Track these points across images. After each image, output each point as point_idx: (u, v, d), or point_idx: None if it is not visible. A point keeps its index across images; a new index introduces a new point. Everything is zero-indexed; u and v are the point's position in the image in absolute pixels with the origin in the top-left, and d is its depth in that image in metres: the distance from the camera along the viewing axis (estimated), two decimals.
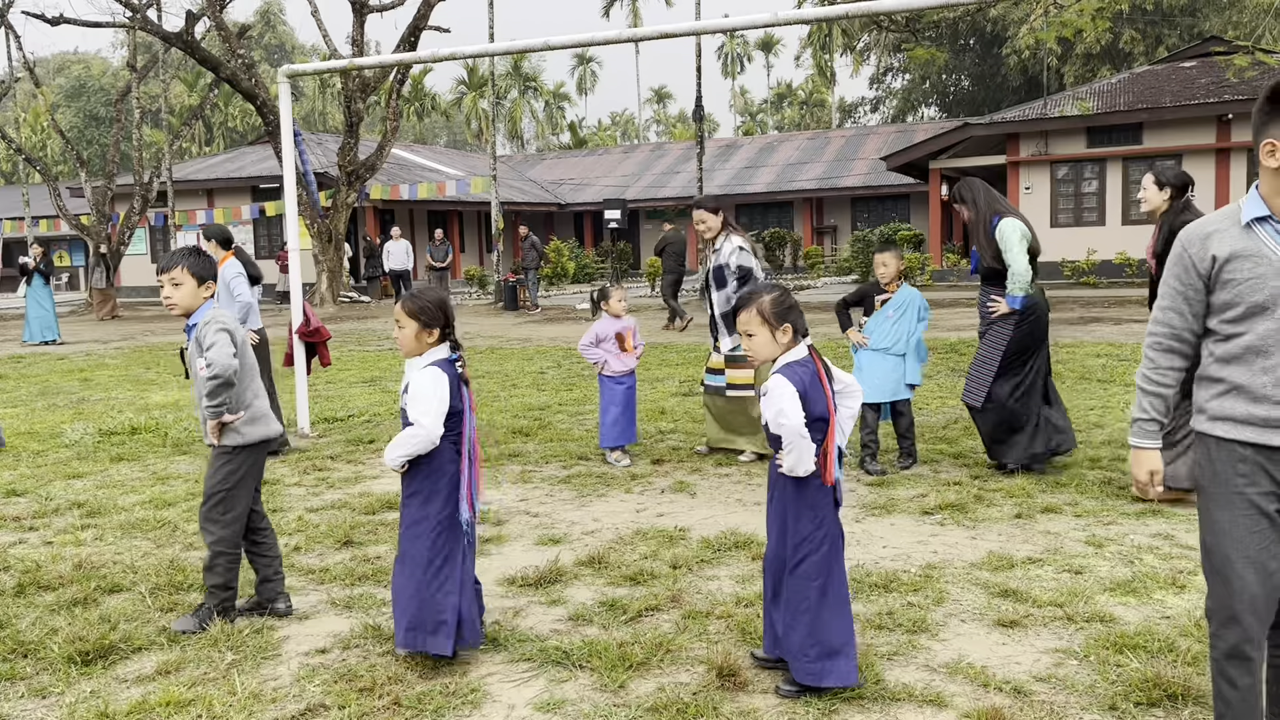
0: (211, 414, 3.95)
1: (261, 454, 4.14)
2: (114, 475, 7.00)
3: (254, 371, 4.14)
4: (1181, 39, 39.17)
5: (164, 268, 4.04)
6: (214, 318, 4.02)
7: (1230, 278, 2.57)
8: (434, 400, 3.51)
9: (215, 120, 62.70)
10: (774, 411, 3.24)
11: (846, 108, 63.97)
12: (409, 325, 3.60)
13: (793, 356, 3.37)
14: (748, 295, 3.40)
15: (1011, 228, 6.03)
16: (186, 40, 22.22)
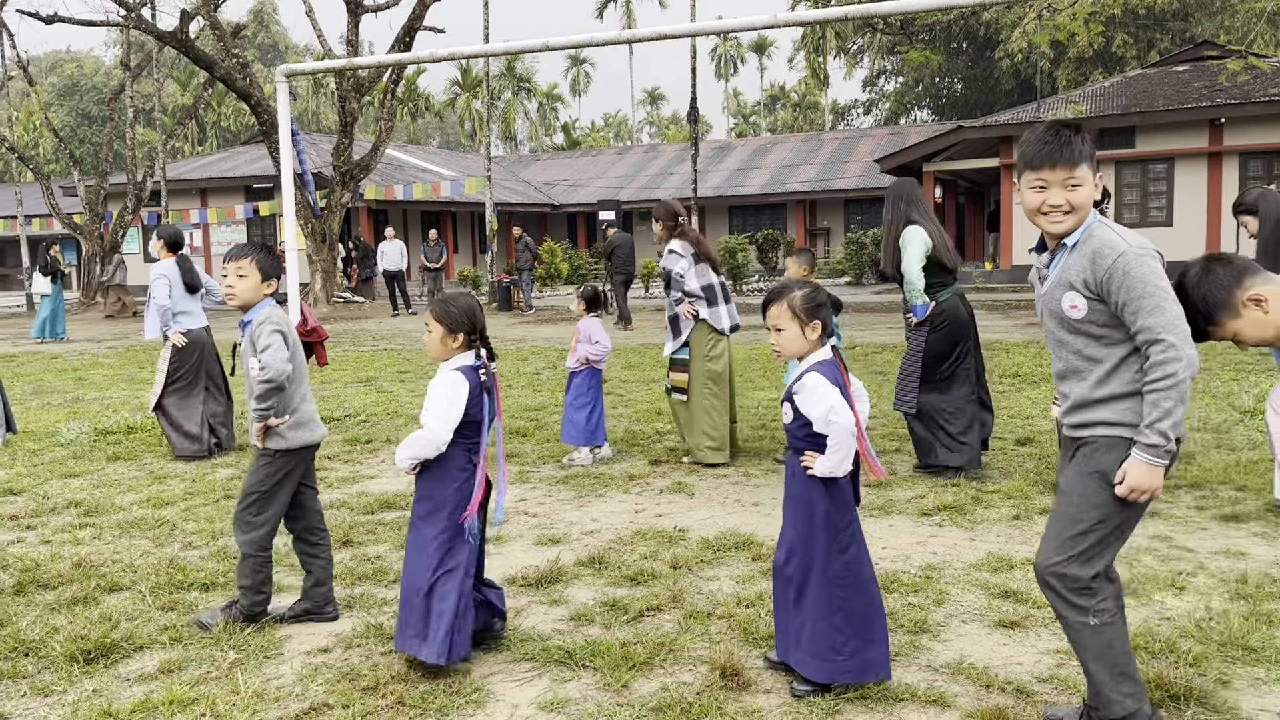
0: (258, 416, 3.92)
1: (304, 459, 4.08)
2: (110, 474, 6.98)
3: (303, 375, 4.11)
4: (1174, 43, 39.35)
5: (232, 257, 4.02)
6: (269, 317, 3.98)
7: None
8: (444, 405, 3.48)
9: (209, 120, 62.56)
10: (824, 409, 3.24)
11: (840, 110, 64.09)
12: (435, 329, 3.59)
13: (821, 355, 3.39)
14: (779, 289, 3.40)
15: (914, 235, 6.05)
16: (181, 39, 22.16)
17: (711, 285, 6.86)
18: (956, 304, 6.21)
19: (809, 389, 3.29)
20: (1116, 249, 2.76)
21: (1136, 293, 2.71)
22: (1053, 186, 2.82)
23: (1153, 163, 23.64)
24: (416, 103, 65.57)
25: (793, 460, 3.41)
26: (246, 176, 31.45)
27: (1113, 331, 2.80)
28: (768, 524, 5.35)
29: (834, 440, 3.24)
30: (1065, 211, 2.83)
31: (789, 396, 3.38)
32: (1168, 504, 5.50)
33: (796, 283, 3.43)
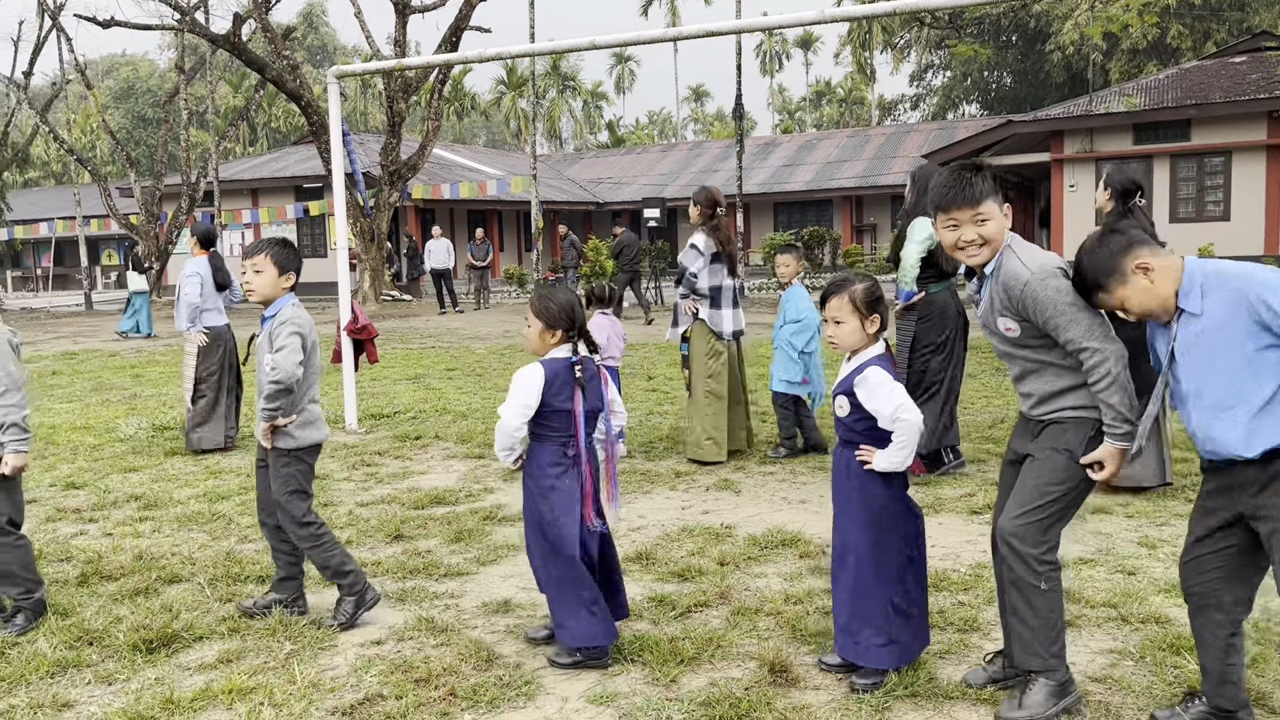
0: (265, 416, 3.95)
1: (315, 456, 4.13)
2: (168, 469, 7.14)
3: (315, 377, 4.13)
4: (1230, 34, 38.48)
5: (248, 253, 4.07)
6: (291, 317, 4.01)
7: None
8: (516, 393, 3.53)
9: (260, 121, 63.53)
10: (893, 406, 3.26)
11: (886, 105, 63.50)
12: (535, 324, 3.62)
13: (877, 349, 3.40)
14: (840, 282, 3.41)
15: (921, 226, 6.05)
16: (233, 42, 22.55)
17: (720, 287, 6.84)
18: (948, 299, 6.20)
19: (873, 384, 3.30)
20: (1020, 279, 3.04)
21: (1049, 314, 3.01)
22: (964, 225, 3.11)
23: (1209, 156, 23.14)
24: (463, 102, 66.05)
25: (843, 454, 3.41)
26: (296, 176, 31.90)
27: (1049, 338, 3.07)
28: (815, 521, 5.35)
29: (902, 436, 3.26)
30: (979, 245, 3.12)
31: (847, 389, 3.36)
32: None
33: (856, 275, 3.44)
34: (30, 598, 4.08)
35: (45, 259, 46.42)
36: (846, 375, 3.40)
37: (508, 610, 4.17)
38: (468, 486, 6.37)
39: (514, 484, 6.46)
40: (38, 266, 46.48)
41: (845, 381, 3.39)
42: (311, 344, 4.06)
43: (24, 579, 4.07)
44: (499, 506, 5.85)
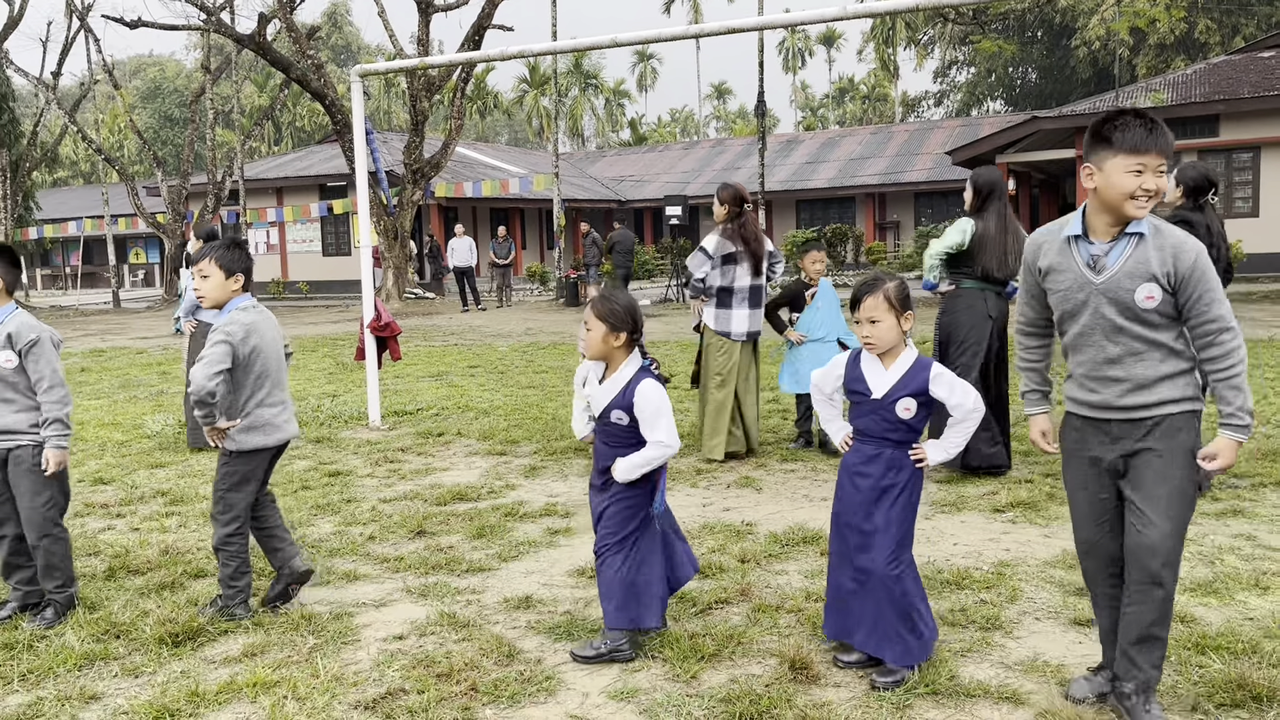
0: (202, 422, 3.98)
1: (262, 460, 4.12)
2: (194, 465, 7.21)
3: (262, 381, 4.07)
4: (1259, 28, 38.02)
5: (194, 259, 4.12)
6: (226, 324, 4.01)
7: (1050, 286, 3.09)
8: (669, 415, 3.53)
9: (284, 120, 63.99)
10: (973, 395, 3.32)
11: (909, 102, 63.18)
12: (597, 327, 3.60)
13: (913, 350, 3.41)
14: (871, 282, 3.40)
15: (959, 226, 6.03)
16: (258, 42, 22.72)
17: (732, 289, 6.81)
18: (980, 300, 6.11)
19: (948, 380, 3.34)
20: (1194, 247, 2.90)
21: (1206, 287, 2.88)
22: (1148, 172, 2.88)
23: (1238, 151, 22.89)
24: (485, 101, 66.28)
25: (891, 454, 3.38)
26: (321, 175, 32.11)
27: (1167, 318, 2.95)
28: None
29: (968, 429, 3.32)
30: (1151, 197, 2.90)
31: (918, 390, 3.33)
32: (1252, 502, 5.35)
33: (885, 274, 3.43)
34: (64, 592, 4.15)
35: (74, 257, 46.98)
36: (908, 376, 3.35)
37: (529, 606, 4.18)
38: (490, 483, 6.40)
39: (536, 480, 6.48)
40: (66, 265, 47.03)
41: (912, 382, 3.35)
42: (250, 350, 4.01)
43: (63, 572, 4.15)
44: (521, 503, 5.87)
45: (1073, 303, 3.01)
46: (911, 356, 3.39)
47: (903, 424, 3.37)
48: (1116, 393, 2.98)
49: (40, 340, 4.05)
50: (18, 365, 4.03)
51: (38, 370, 4.03)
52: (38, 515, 4.06)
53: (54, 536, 4.11)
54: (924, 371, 3.35)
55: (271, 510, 4.29)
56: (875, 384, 3.40)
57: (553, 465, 6.91)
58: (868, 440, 3.44)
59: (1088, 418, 3.06)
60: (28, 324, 4.06)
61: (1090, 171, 2.96)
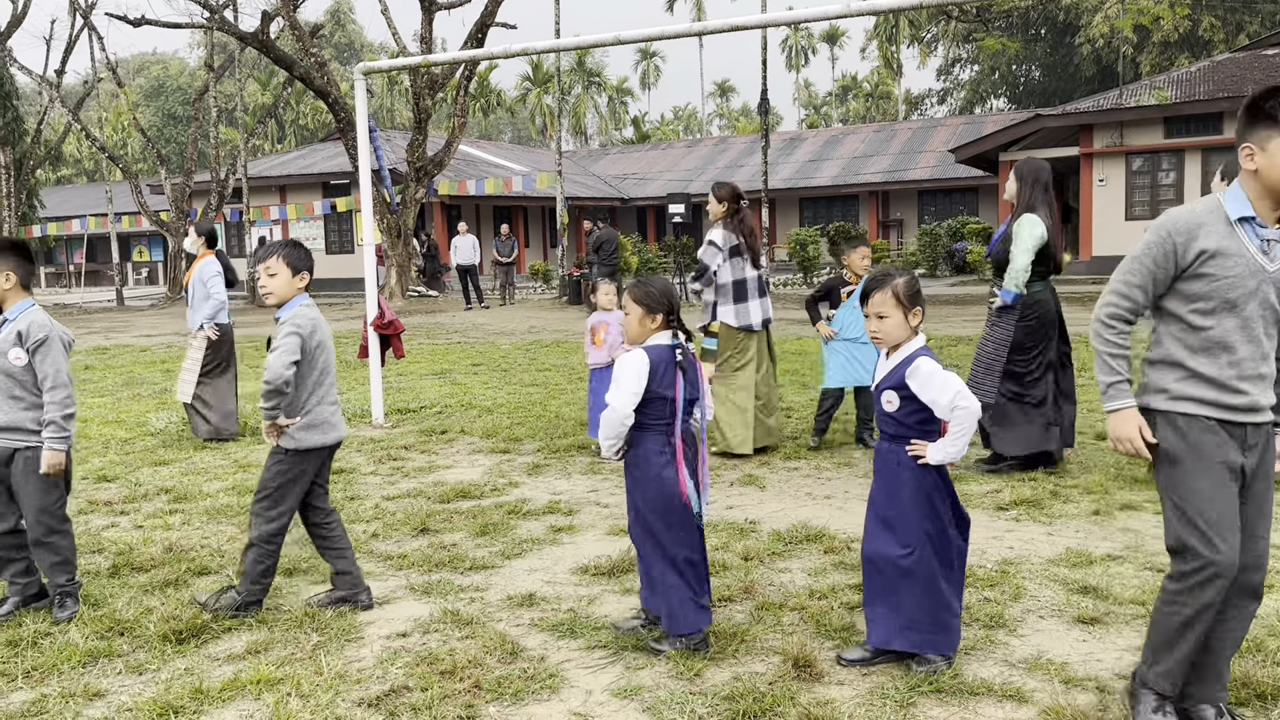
0: (265, 415, 3.98)
1: (316, 459, 4.12)
2: (198, 463, 7.22)
3: (323, 378, 4.10)
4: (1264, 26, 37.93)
5: (260, 258, 4.10)
6: (294, 317, 4.02)
7: (1210, 272, 2.72)
8: (625, 379, 3.49)
9: (288, 118, 64.01)
10: (950, 394, 3.25)
11: (913, 100, 63.10)
12: (634, 310, 3.61)
13: (919, 342, 3.41)
14: (881, 277, 3.39)
15: (1030, 225, 5.90)
16: (262, 40, 22.72)
17: (744, 280, 6.82)
18: (1048, 297, 6.08)
19: (925, 374, 3.30)
20: None
21: None
22: None
23: None
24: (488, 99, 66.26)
25: (895, 450, 3.39)
26: (324, 173, 32.11)
27: None
28: (840, 517, 5.33)
29: (960, 426, 3.27)
30: None
31: (897, 383, 3.35)
32: None
33: (896, 270, 3.43)
34: (75, 584, 4.19)
35: (77, 255, 47.04)
36: (894, 369, 3.38)
37: (532, 604, 4.18)
38: (493, 481, 6.40)
39: (539, 478, 6.48)
40: (70, 263, 47.09)
41: (894, 375, 3.37)
42: (316, 345, 4.04)
43: (72, 565, 4.19)
44: (524, 500, 5.87)
45: (1240, 291, 2.71)
46: (911, 349, 3.38)
47: (890, 417, 3.40)
48: (1263, 392, 2.77)
49: (49, 340, 4.08)
50: (27, 363, 4.06)
51: (43, 369, 4.05)
52: (48, 514, 4.08)
53: (64, 532, 4.15)
54: (907, 365, 3.34)
55: (335, 526, 4.25)
56: (878, 375, 3.49)
57: (556, 463, 6.91)
58: (881, 434, 3.52)
59: (1227, 421, 2.77)
60: (39, 322, 4.08)
61: (1250, 152, 2.74)
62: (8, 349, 4.04)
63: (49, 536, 4.09)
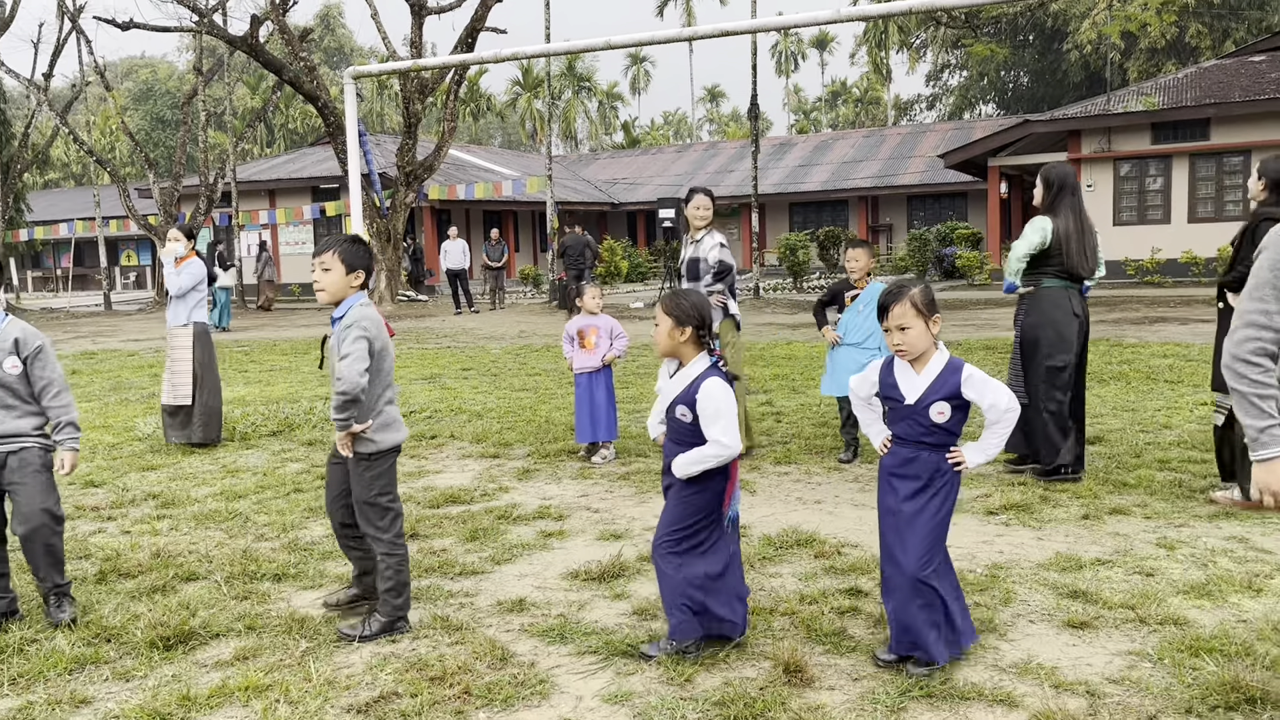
0: (339, 426, 3.82)
1: (395, 458, 4.01)
2: (185, 468, 7.18)
3: (388, 377, 3.98)
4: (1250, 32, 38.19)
5: (316, 251, 3.93)
6: (358, 319, 3.83)
7: None
8: (727, 413, 3.47)
9: (276, 122, 63.86)
10: (1007, 395, 3.30)
11: (902, 105, 63.30)
12: (664, 321, 3.59)
13: (943, 349, 3.41)
14: (896, 289, 3.37)
15: (1036, 224, 5.96)
16: (251, 44, 22.67)
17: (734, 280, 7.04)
18: (1060, 295, 5.97)
19: (980, 380, 3.32)
20: None
21: None
22: None
23: (1229, 155, 22.99)
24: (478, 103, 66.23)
25: (937, 459, 3.38)
26: (313, 177, 32.04)
27: None
28: (830, 521, 5.33)
29: (1007, 428, 3.32)
30: None
31: (951, 393, 3.33)
32: None
33: (909, 281, 3.43)
34: (68, 584, 4.19)
35: (65, 259, 46.80)
36: (939, 381, 3.35)
37: (522, 609, 4.17)
38: (483, 486, 6.39)
39: (529, 483, 6.47)
40: (58, 267, 46.87)
41: (943, 386, 3.34)
42: (380, 346, 3.90)
43: (63, 564, 4.17)
44: (514, 506, 5.85)
45: None
46: (943, 360, 3.38)
47: (938, 428, 3.37)
48: None
49: (45, 346, 4.12)
50: (21, 372, 4.07)
51: (45, 375, 4.09)
52: (49, 515, 4.07)
53: (59, 533, 4.14)
54: (955, 374, 3.35)
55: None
56: (908, 389, 3.40)
57: (546, 468, 6.90)
58: (905, 444, 3.44)
59: None
60: (31, 330, 4.14)
61: None
62: (3, 358, 4.04)
63: (51, 538, 4.08)
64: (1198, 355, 11.21)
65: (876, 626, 3.84)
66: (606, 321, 7.25)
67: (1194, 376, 9.70)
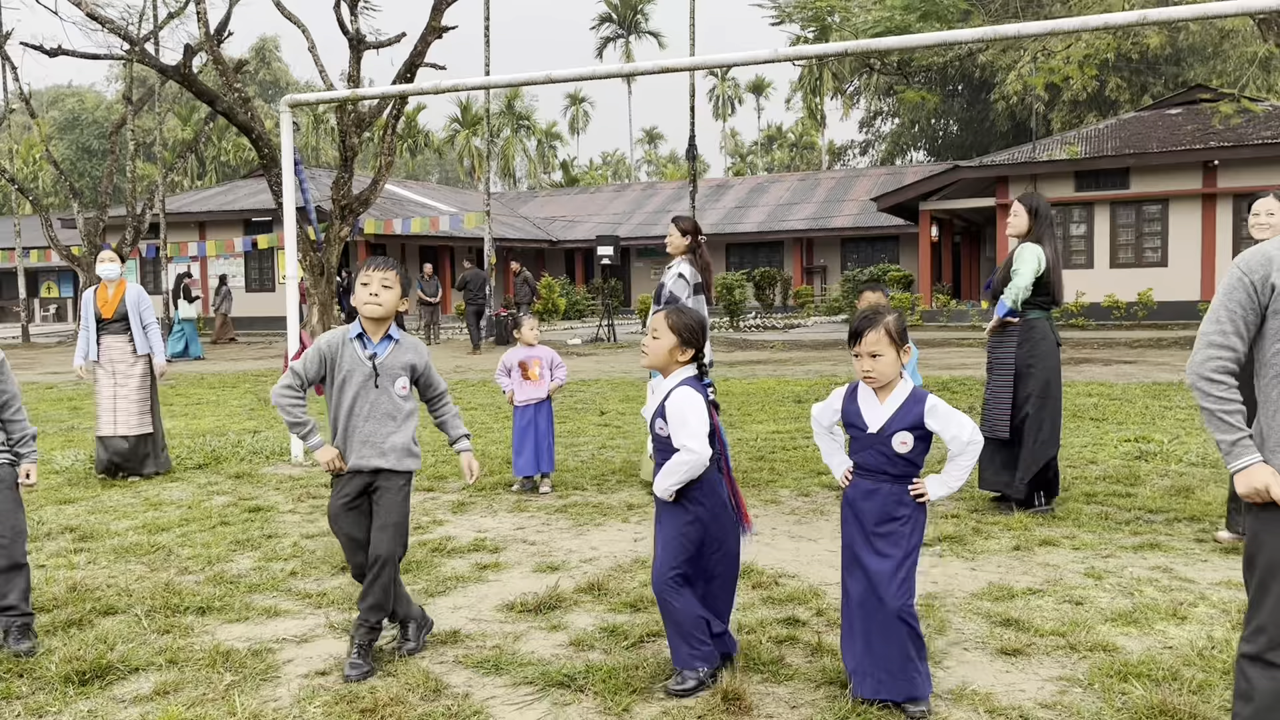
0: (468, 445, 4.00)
1: None
2: (105, 501, 6.94)
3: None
4: (1166, 87, 39.81)
5: (378, 266, 3.83)
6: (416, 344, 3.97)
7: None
8: (694, 421, 3.44)
9: (209, 155, 62.94)
10: (970, 426, 3.30)
11: (836, 150, 64.65)
12: (668, 338, 3.53)
13: (909, 381, 3.39)
14: (871, 316, 3.35)
15: (1032, 252, 6.06)
16: (184, 73, 22.34)
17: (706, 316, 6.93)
18: (1046, 328, 6.15)
19: (944, 412, 3.30)
20: None
21: None
22: None
23: (1147, 204, 23.84)
24: (416, 139, 66.07)
25: (900, 492, 3.34)
26: (246, 210, 31.58)
27: None
28: (767, 553, 5.34)
29: (968, 460, 3.30)
30: None
31: (914, 424, 3.30)
32: (1168, 536, 5.49)
33: (883, 308, 3.42)
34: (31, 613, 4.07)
35: None
36: (902, 410, 3.31)
37: (456, 641, 4.09)
38: (416, 519, 6.27)
39: (464, 516, 6.37)
40: None
41: (906, 416, 3.31)
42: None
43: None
44: (449, 538, 5.76)
45: None
46: (907, 389, 3.35)
47: (900, 458, 3.32)
48: None
49: (3, 361, 4.12)
50: None
51: (9, 389, 4.11)
52: (20, 532, 4.02)
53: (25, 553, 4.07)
54: (919, 404, 3.31)
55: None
56: (871, 418, 3.35)
57: (481, 501, 6.81)
58: (867, 475, 3.39)
59: None
60: None
61: None
62: None
63: (24, 557, 4.00)
64: (1120, 394, 11.52)
65: (814, 655, 3.84)
66: (546, 353, 7.22)
67: (1117, 415, 9.96)
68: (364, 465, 3.82)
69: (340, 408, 3.85)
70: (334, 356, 3.85)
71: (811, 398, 11.88)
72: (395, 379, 3.85)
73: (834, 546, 5.45)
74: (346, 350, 3.84)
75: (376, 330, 3.86)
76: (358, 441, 3.82)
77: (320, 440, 3.85)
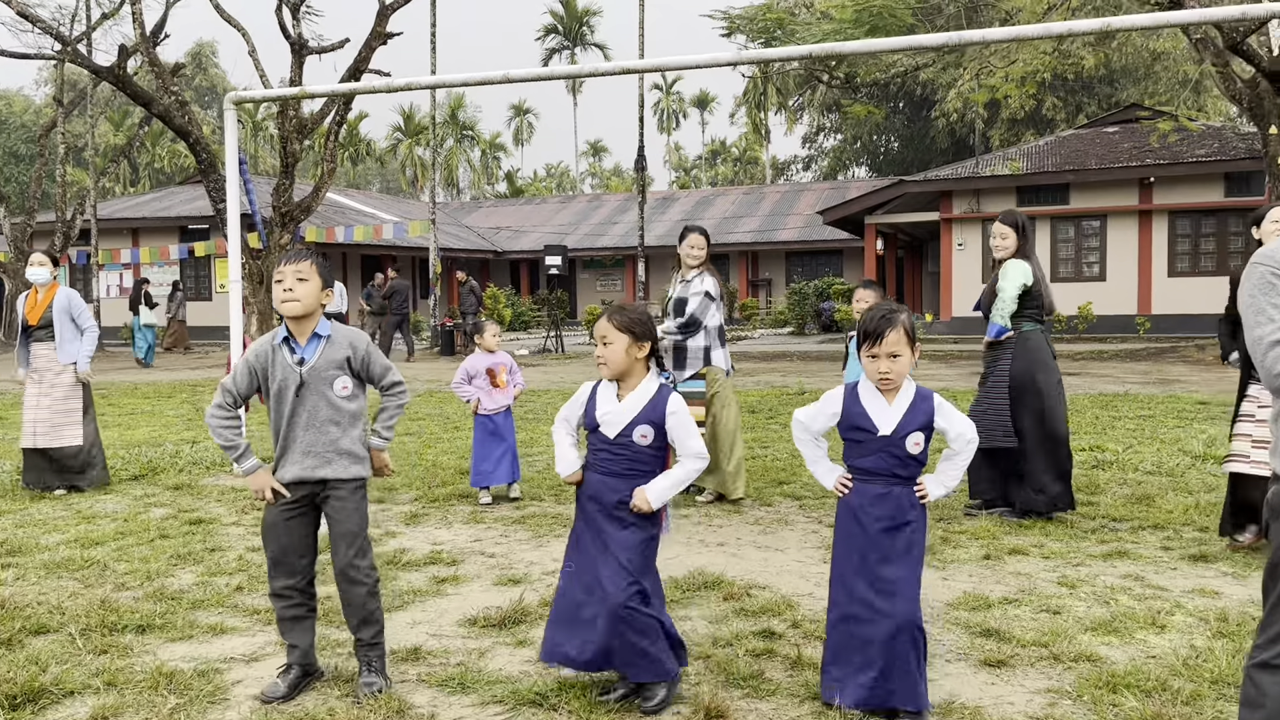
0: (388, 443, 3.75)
1: None
2: (35, 514, 6.58)
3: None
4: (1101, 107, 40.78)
5: (290, 259, 3.57)
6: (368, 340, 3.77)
7: None
8: (692, 426, 3.42)
9: (142, 161, 61.45)
10: (970, 424, 3.27)
11: (779, 165, 65.20)
12: (620, 339, 3.36)
13: (912, 380, 3.32)
14: (887, 315, 3.22)
15: (1018, 266, 6.04)
16: (118, 75, 21.70)
17: (721, 327, 6.81)
18: (1040, 341, 6.11)
19: (949, 409, 3.26)
20: None
21: None
22: None
23: (1086, 219, 24.30)
24: (358, 148, 65.27)
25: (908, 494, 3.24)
26: (182, 217, 30.78)
27: None
28: (735, 564, 5.20)
29: (965, 460, 3.27)
30: None
31: (925, 424, 3.21)
32: (1134, 544, 5.46)
33: (896, 306, 3.32)
34: None
35: None
36: (913, 410, 3.22)
37: (418, 658, 3.87)
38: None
39: (418, 528, 6.14)
40: None
41: (918, 417, 3.22)
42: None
43: None
44: (403, 551, 5.52)
45: None
46: (912, 388, 3.27)
47: (912, 459, 3.23)
48: None
49: None
50: None
51: None
52: None
53: None
54: (928, 403, 3.24)
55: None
56: (882, 420, 3.23)
57: (435, 512, 6.57)
58: (874, 479, 3.25)
59: None
60: None
61: None
62: None
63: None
64: (1070, 405, 11.59)
65: (794, 669, 3.70)
66: (507, 359, 7.03)
67: (1081, 425, 10.00)
68: (308, 476, 3.54)
69: (280, 418, 3.57)
70: (264, 366, 3.57)
71: (764, 409, 11.80)
72: (332, 381, 3.56)
73: (802, 556, 5.33)
74: (276, 357, 3.56)
75: (302, 330, 3.57)
76: (299, 452, 3.54)
77: (255, 463, 3.56)
